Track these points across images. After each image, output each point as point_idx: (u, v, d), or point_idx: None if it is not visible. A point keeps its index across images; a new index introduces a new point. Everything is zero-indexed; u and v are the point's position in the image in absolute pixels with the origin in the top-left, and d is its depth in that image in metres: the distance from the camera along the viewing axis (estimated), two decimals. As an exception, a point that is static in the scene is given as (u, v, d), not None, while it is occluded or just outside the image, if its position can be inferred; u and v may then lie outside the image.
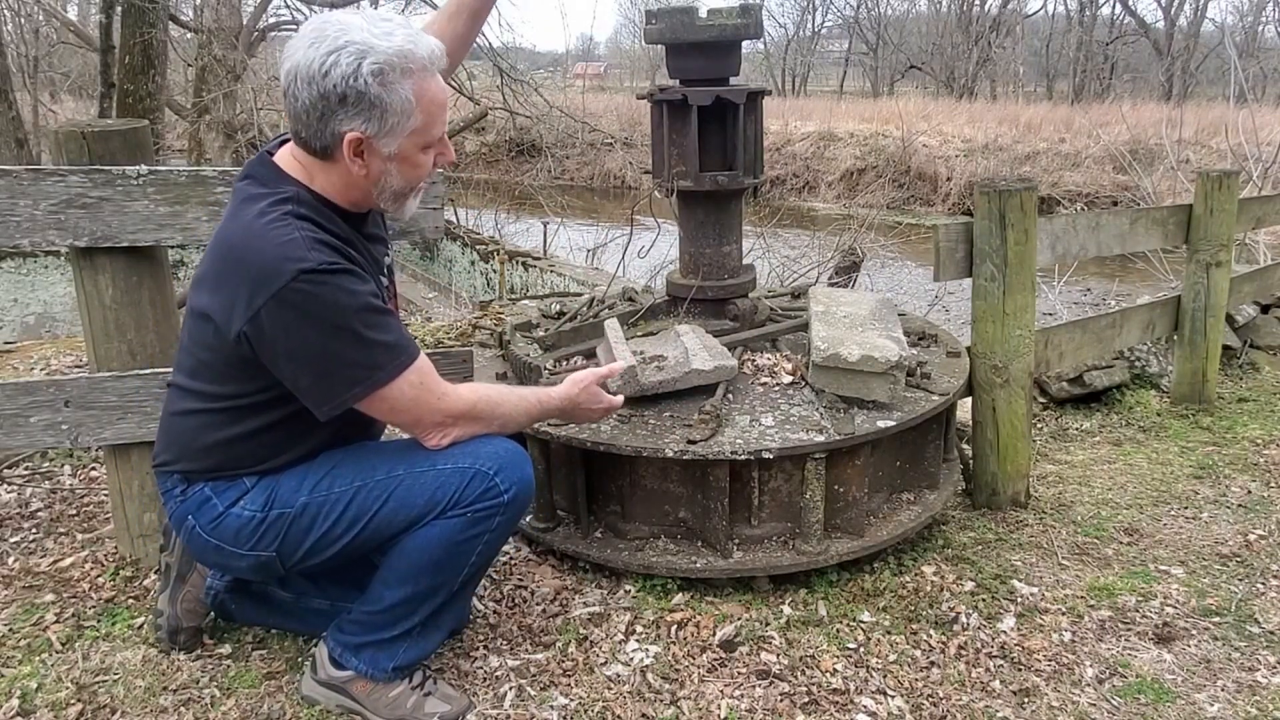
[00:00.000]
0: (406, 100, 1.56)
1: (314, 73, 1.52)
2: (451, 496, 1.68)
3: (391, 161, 1.62)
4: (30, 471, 2.86)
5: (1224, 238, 3.56)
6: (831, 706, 1.91)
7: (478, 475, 1.69)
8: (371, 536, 1.71)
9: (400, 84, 1.55)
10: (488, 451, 1.72)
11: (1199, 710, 1.93)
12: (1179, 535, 2.70)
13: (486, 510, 1.70)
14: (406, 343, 1.63)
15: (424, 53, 1.57)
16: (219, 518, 1.71)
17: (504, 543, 1.86)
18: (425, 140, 1.64)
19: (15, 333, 6.76)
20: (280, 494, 1.70)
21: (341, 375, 1.58)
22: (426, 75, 1.59)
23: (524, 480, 1.74)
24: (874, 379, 2.31)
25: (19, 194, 2.01)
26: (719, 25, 2.59)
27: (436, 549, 1.71)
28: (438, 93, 1.62)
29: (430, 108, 1.61)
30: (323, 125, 1.56)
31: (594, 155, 18.83)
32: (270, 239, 1.55)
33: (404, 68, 1.55)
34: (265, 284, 1.52)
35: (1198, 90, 27.76)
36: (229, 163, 12.32)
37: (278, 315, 1.52)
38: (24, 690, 1.86)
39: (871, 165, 18.01)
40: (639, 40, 33.45)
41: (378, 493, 1.69)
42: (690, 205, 2.81)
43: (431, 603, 1.77)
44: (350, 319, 1.55)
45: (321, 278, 1.52)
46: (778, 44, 40.08)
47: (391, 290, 1.85)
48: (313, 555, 1.73)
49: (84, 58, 16.84)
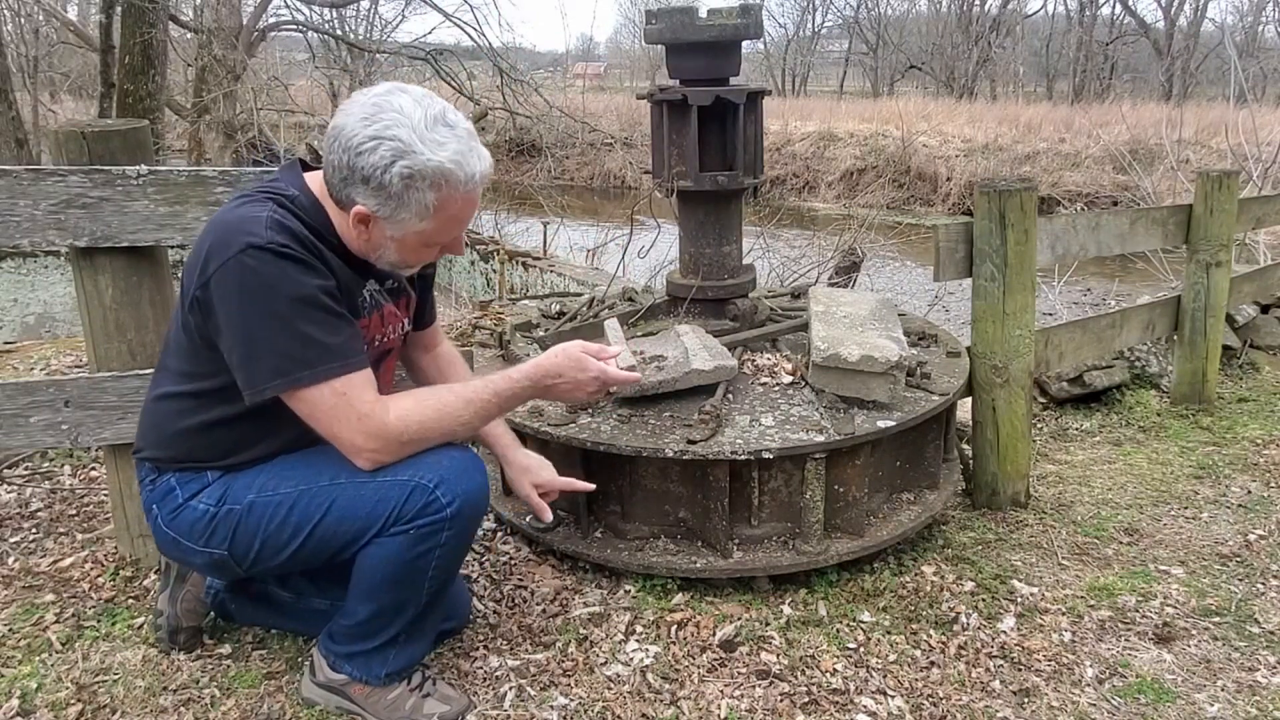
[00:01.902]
0: (424, 206, 1.56)
1: (351, 145, 1.52)
2: (392, 512, 1.62)
3: (393, 241, 1.63)
4: (30, 471, 2.86)
5: (1224, 238, 3.56)
6: (831, 706, 1.91)
7: (417, 489, 1.62)
8: (320, 547, 1.67)
9: (425, 192, 1.55)
10: (429, 462, 1.64)
11: (1199, 710, 1.93)
12: (1179, 535, 2.70)
13: (430, 526, 1.63)
14: (348, 351, 1.58)
15: (463, 175, 1.56)
16: (178, 509, 1.71)
17: (462, 556, 1.78)
18: (431, 241, 1.65)
19: (15, 333, 6.75)
20: (233, 490, 1.69)
21: (266, 361, 1.55)
22: (456, 193, 1.57)
23: (469, 492, 1.66)
24: (874, 379, 2.31)
25: (19, 194, 2.01)
26: (719, 25, 2.59)
27: (389, 567, 1.66)
28: (460, 210, 1.61)
29: (447, 222, 1.61)
30: (342, 186, 1.57)
31: (594, 155, 18.83)
32: (238, 214, 1.58)
33: (435, 181, 1.54)
34: (217, 253, 1.54)
35: (1198, 90, 27.75)
36: (229, 163, 12.32)
37: (221, 285, 1.54)
38: (24, 690, 1.86)
39: (871, 165, 18.00)
40: (639, 40, 33.48)
41: (320, 500, 1.65)
42: (690, 205, 2.81)
43: (403, 615, 1.74)
44: (286, 306, 1.53)
45: (268, 257, 1.52)
46: (778, 44, 40.08)
47: (389, 311, 1.80)
48: (265, 559, 1.70)
49: (84, 58, 16.83)
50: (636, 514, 2.37)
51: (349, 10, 17.89)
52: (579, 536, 2.37)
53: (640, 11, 35.34)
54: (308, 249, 1.57)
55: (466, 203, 1.60)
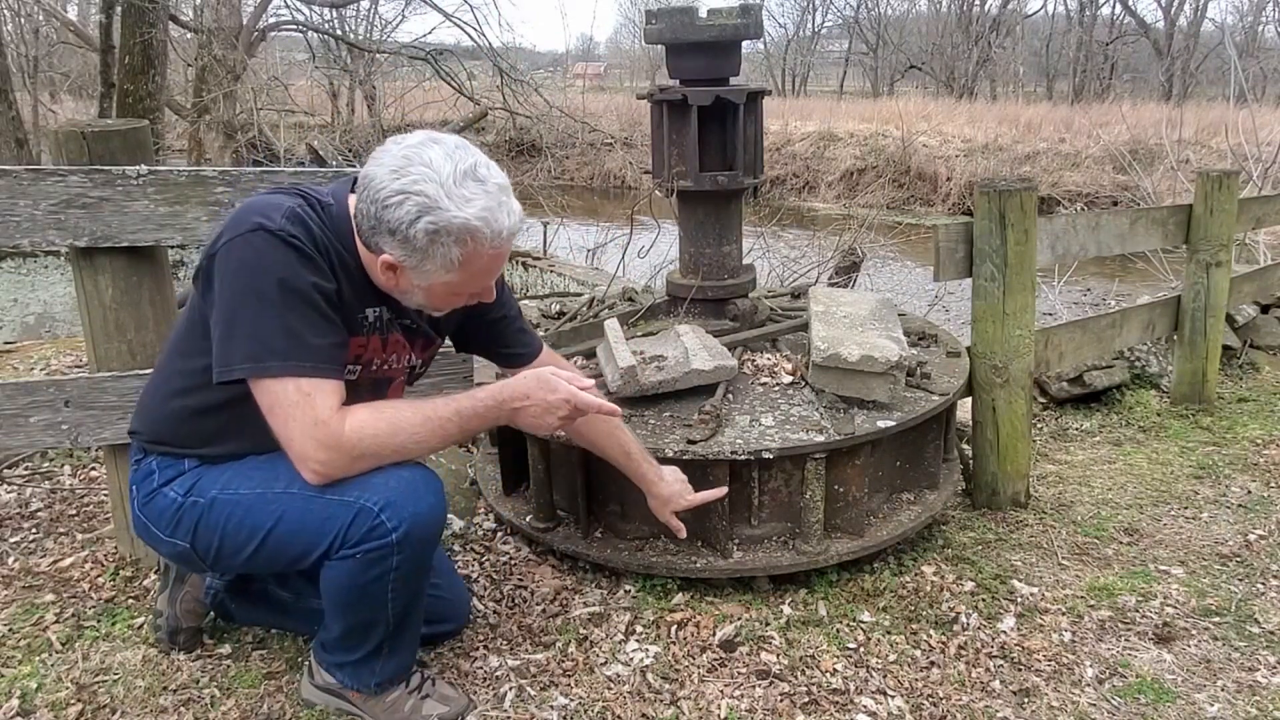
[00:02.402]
0: (450, 260, 1.55)
1: (379, 198, 1.51)
2: (337, 534, 1.58)
3: (420, 289, 1.61)
4: (30, 471, 2.87)
5: (1224, 238, 3.56)
6: (831, 706, 1.91)
7: (362, 512, 1.56)
8: (275, 556, 1.64)
9: (450, 247, 1.53)
10: (378, 483, 1.58)
11: (1199, 710, 1.93)
12: (1179, 535, 2.70)
13: (376, 551, 1.58)
14: (324, 356, 1.55)
15: (489, 232, 1.53)
16: (152, 494, 1.70)
17: (421, 576, 1.69)
18: (458, 292, 1.64)
19: (15, 333, 6.74)
20: (202, 483, 1.68)
21: (242, 342, 1.52)
22: (483, 249, 1.55)
23: (417, 516, 1.59)
24: (874, 379, 2.31)
25: (19, 194, 2.01)
26: (719, 25, 2.59)
27: (345, 591, 1.63)
28: (488, 264, 1.59)
29: (474, 275, 1.59)
30: (371, 234, 1.56)
31: (594, 155, 18.81)
32: (264, 199, 1.60)
33: (460, 237, 1.52)
34: (230, 228, 1.56)
35: (1198, 90, 27.74)
36: (229, 163, 12.32)
37: (224, 259, 1.54)
38: (24, 690, 1.86)
39: (871, 165, 17.98)
40: (639, 40, 33.47)
41: (273, 508, 1.61)
42: (690, 205, 2.81)
43: (375, 633, 1.71)
44: (278, 291, 1.51)
45: (275, 241, 1.52)
46: (778, 44, 40.07)
47: (395, 340, 1.76)
48: (226, 558, 1.67)
49: (84, 58, 16.84)
50: (636, 514, 2.37)
51: (349, 10, 17.89)
52: (579, 536, 2.37)
53: (640, 11, 35.32)
54: (318, 248, 1.57)
55: (494, 258, 1.58)
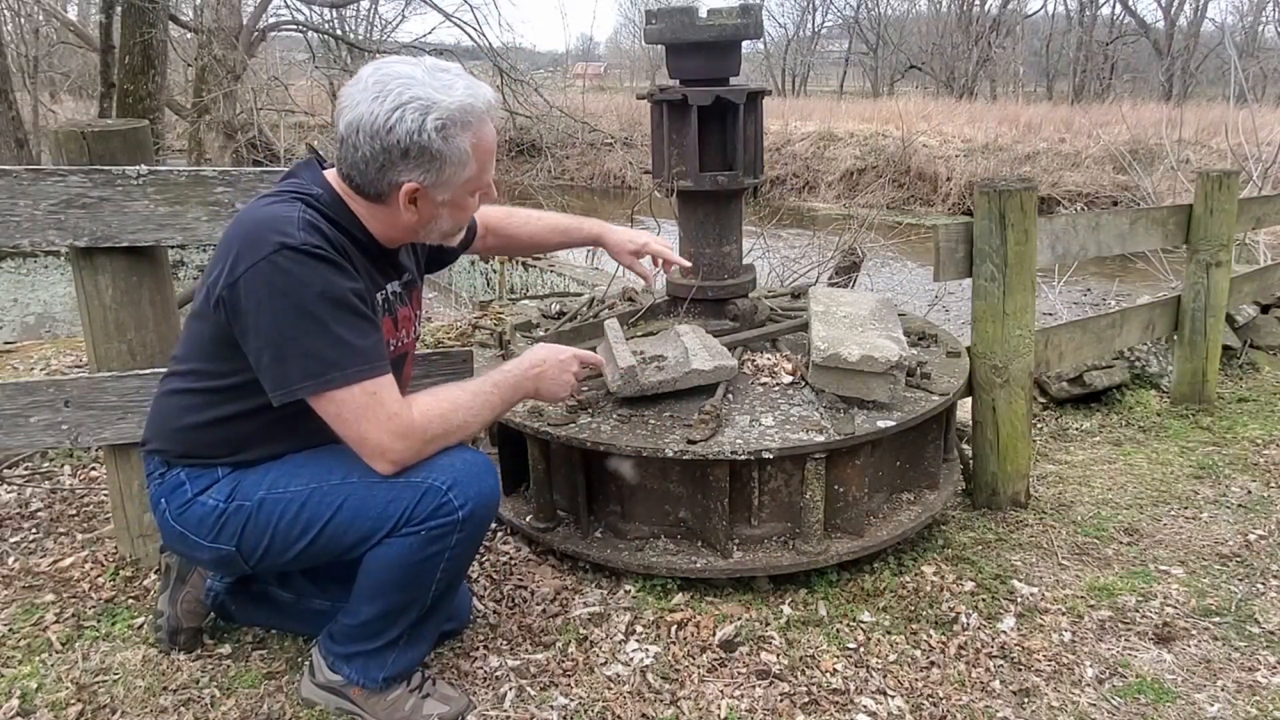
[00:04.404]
0: (464, 152, 1.60)
1: (378, 128, 1.54)
2: (403, 513, 1.62)
3: (443, 207, 1.67)
4: (30, 471, 2.86)
5: (1224, 238, 3.56)
6: (831, 706, 1.91)
7: (430, 490, 1.62)
8: (329, 546, 1.67)
9: (459, 137, 1.59)
10: (444, 464, 1.65)
11: (1199, 710, 1.93)
12: (1179, 535, 2.70)
13: (440, 528, 1.64)
14: (375, 355, 1.59)
15: (482, 104, 1.61)
16: (187, 504, 1.71)
17: (470, 558, 1.78)
18: (476, 186, 1.68)
19: (15, 333, 6.75)
20: (243, 487, 1.69)
21: (297, 363, 1.54)
22: (483, 125, 1.62)
23: (481, 495, 1.67)
24: (874, 379, 2.31)
25: (19, 194, 2.01)
26: (719, 25, 2.59)
27: (396, 569, 1.66)
28: (490, 141, 1.66)
29: (484, 157, 1.65)
30: (380, 175, 1.59)
31: (594, 155, 18.82)
32: (268, 213, 1.59)
33: (464, 121, 1.58)
34: (248, 253, 1.54)
35: (1198, 90, 27.76)
36: (229, 163, 12.32)
37: (251, 285, 1.53)
38: (24, 690, 1.86)
39: (871, 165, 17.99)
40: (639, 40, 33.45)
41: (331, 499, 1.65)
42: (690, 205, 2.81)
43: (407, 617, 1.74)
44: (320, 306, 1.53)
45: (301, 257, 1.53)
46: (778, 44, 40.09)
47: (404, 314, 1.82)
48: (273, 556, 1.70)
49: (84, 58, 16.84)
50: (636, 514, 2.37)
51: (349, 10, 17.91)
52: (579, 536, 2.37)
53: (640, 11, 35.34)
54: (338, 250, 1.59)
55: (490, 133, 1.65)
